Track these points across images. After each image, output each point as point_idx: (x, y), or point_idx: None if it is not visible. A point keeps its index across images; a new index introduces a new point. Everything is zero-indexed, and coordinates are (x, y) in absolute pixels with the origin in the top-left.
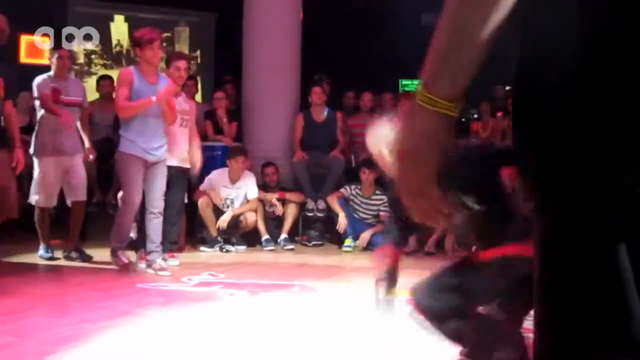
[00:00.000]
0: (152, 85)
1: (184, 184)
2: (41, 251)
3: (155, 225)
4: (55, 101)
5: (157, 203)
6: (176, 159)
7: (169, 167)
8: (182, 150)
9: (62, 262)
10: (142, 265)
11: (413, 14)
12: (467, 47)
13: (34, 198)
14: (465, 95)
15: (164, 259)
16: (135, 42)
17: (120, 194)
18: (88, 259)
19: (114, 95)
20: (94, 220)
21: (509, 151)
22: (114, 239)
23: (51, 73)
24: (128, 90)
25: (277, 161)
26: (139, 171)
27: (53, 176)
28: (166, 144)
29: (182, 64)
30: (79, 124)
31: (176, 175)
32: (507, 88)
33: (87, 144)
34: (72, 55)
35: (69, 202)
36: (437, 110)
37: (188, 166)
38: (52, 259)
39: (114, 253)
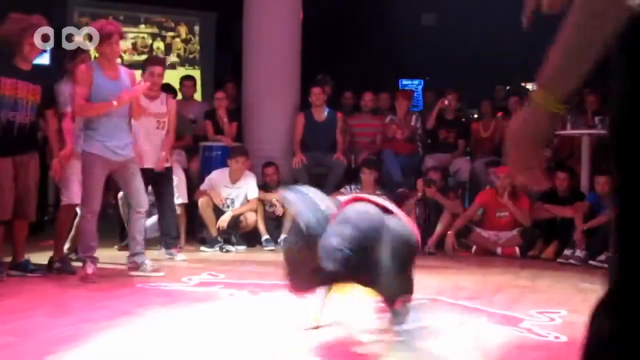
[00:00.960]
0: (113, 81)
1: (168, 182)
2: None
3: (140, 226)
4: None
5: (142, 202)
6: (151, 161)
7: (148, 170)
8: (157, 152)
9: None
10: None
11: (413, 14)
12: (585, 61)
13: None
14: (465, 96)
15: (172, 254)
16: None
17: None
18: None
19: None
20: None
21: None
22: (80, 248)
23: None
24: (87, 89)
25: (277, 161)
26: (103, 174)
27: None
28: (132, 142)
29: (157, 69)
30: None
31: (158, 176)
32: (508, 88)
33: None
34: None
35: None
36: (550, 110)
37: (167, 165)
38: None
39: (83, 261)
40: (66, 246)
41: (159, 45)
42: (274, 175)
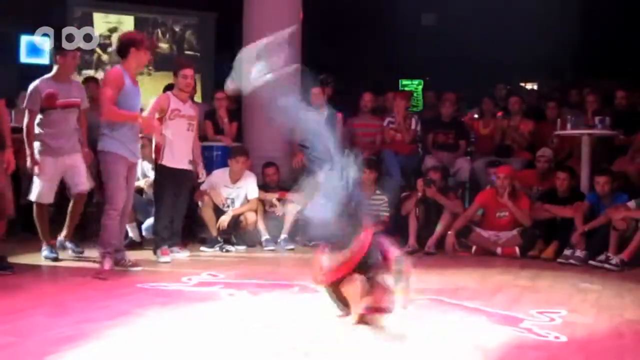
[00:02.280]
0: (136, 88)
1: (190, 186)
2: (45, 252)
3: (124, 226)
4: (52, 106)
5: (129, 204)
6: (183, 162)
7: (178, 170)
8: (188, 154)
9: (63, 263)
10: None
11: (413, 14)
12: None
13: (32, 194)
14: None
15: (173, 251)
16: (130, 42)
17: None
18: (80, 252)
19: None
20: (93, 220)
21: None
22: (100, 244)
23: (51, 75)
24: (117, 92)
25: (277, 161)
26: (124, 172)
27: (51, 174)
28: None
29: (189, 72)
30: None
31: (183, 178)
32: (508, 87)
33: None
34: (76, 57)
35: (72, 193)
36: None
37: (191, 168)
38: (56, 259)
39: (102, 257)
40: (63, 233)
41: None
42: (274, 176)
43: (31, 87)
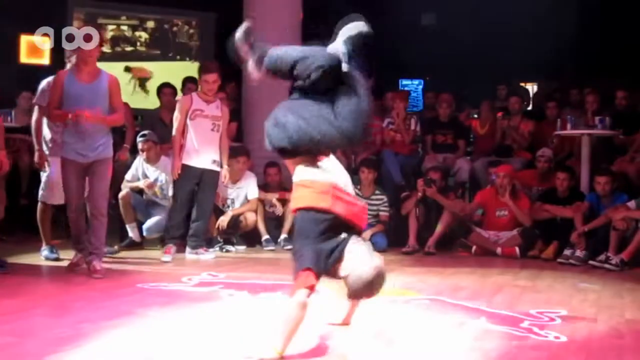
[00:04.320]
0: (86, 85)
1: (214, 185)
2: (45, 252)
3: (99, 232)
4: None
5: (99, 204)
6: (206, 162)
7: (199, 170)
8: (211, 153)
9: (63, 263)
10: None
11: (413, 14)
12: None
13: (42, 194)
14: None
15: (198, 253)
16: (68, 38)
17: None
18: (114, 252)
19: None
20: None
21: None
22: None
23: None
24: (58, 95)
25: (277, 161)
26: (73, 176)
27: (58, 175)
28: (106, 141)
29: (211, 77)
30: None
31: (206, 177)
32: (509, 87)
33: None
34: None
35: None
36: None
37: (218, 169)
38: (57, 259)
39: (91, 259)
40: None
41: (142, 34)
42: (276, 176)
43: (44, 82)
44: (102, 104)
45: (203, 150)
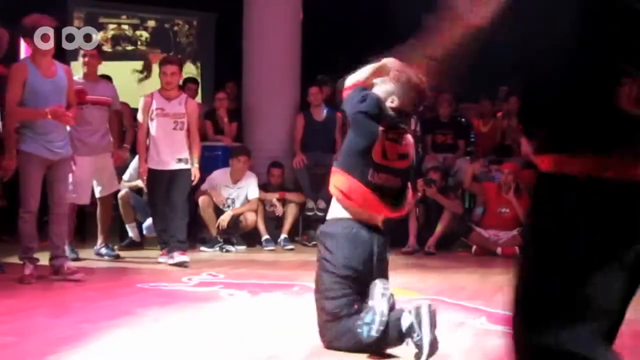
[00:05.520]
0: (48, 79)
1: (184, 184)
2: (103, 249)
3: (61, 230)
4: (82, 101)
5: (61, 202)
6: (170, 162)
7: (163, 172)
8: (174, 153)
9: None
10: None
11: (413, 14)
12: None
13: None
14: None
15: (172, 257)
16: (23, 30)
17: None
18: (116, 257)
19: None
20: (93, 220)
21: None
22: (20, 249)
23: (80, 75)
24: (20, 89)
25: (280, 161)
26: (38, 173)
27: (87, 174)
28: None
29: (169, 68)
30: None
31: (175, 177)
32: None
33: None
34: (98, 55)
35: (97, 194)
36: None
37: (187, 166)
38: (77, 259)
39: (22, 262)
40: (98, 241)
41: (142, 33)
42: (279, 178)
43: None
44: (64, 99)
45: (165, 152)
